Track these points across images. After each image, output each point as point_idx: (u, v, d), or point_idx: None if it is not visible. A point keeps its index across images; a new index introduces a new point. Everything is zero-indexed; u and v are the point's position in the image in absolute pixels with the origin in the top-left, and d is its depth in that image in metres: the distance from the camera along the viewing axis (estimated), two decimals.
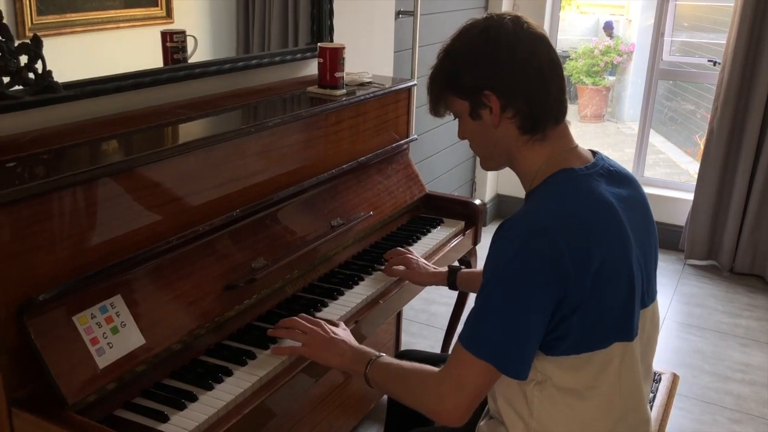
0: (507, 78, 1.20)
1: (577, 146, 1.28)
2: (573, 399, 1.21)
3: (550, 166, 1.23)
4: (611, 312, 1.18)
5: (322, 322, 1.46)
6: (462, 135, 1.33)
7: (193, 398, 1.28)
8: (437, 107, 1.32)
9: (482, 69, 1.22)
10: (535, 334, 1.15)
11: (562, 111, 1.26)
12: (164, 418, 1.22)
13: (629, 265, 1.19)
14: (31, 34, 1.43)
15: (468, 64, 1.23)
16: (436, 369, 1.24)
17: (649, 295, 1.28)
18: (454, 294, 2.11)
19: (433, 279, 1.81)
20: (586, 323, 1.16)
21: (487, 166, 1.36)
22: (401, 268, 1.81)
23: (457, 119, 1.32)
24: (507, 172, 1.33)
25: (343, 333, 1.45)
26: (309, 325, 1.44)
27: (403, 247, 1.94)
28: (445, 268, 1.82)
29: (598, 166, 1.24)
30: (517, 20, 1.23)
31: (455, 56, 1.25)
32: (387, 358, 1.34)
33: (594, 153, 1.30)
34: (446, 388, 1.18)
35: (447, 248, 2.07)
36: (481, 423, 1.37)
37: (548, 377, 1.21)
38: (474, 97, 1.24)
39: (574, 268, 1.12)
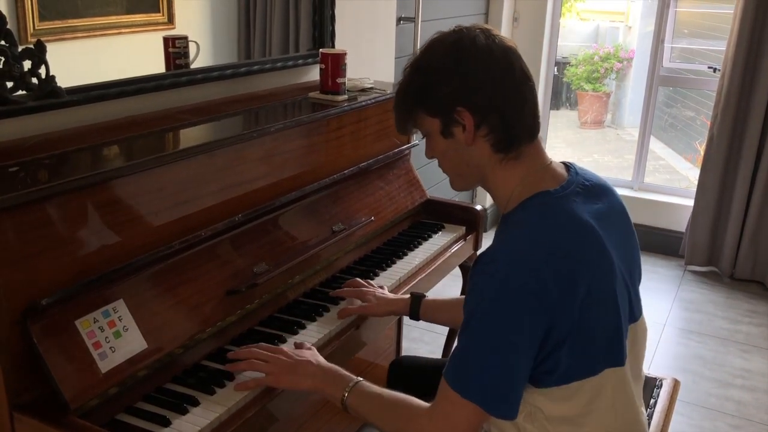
0: (481, 93, 1.15)
1: (551, 163, 1.22)
2: (567, 427, 1.17)
3: (524, 189, 1.18)
4: (600, 339, 1.14)
5: (284, 348, 1.38)
6: (430, 154, 1.26)
7: (195, 403, 1.28)
8: (405, 125, 1.25)
9: (455, 84, 1.16)
10: (522, 372, 1.10)
11: (536, 126, 1.20)
12: (166, 423, 1.22)
13: (613, 290, 1.15)
14: (33, 40, 1.43)
15: (440, 79, 1.17)
16: (423, 404, 1.19)
17: (637, 308, 1.26)
18: None
19: (394, 307, 1.64)
20: (575, 353, 1.12)
21: (458, 186, 1.30)
22: (358, 303, 1.64)
23: (425, 138, 1.25)
24: None
25: (309, 354, 1.36)
26: (269, 354, 1.34)
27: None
28: (406, 296, 1.67)
29: (573, 183, 1.19)
30: (487, 32, 1.18)
31: (426, 71, 1.19)
32: (367, 384, 1.26)
33: (568, 167, 1.25)
34: (437, 429, 1.13)
35: (448, 253, 2.07)
36: None
37: (539, 409, 1.17)
38: (446, 115, 1.17)
39: (560, 299, 1.07)
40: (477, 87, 1.15)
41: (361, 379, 1.28)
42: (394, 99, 1.26)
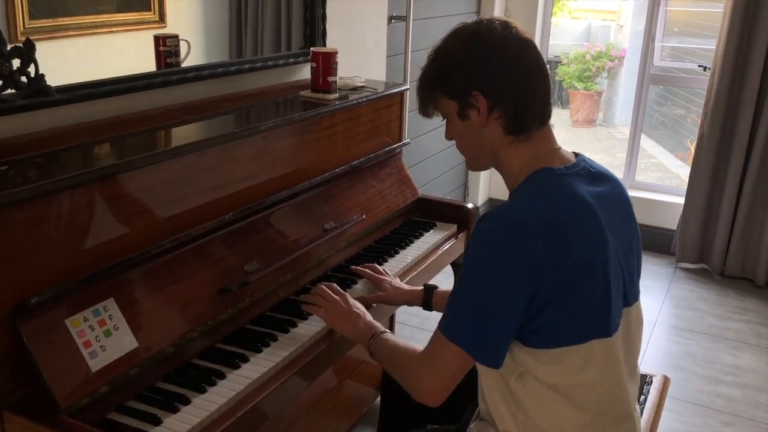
0: (495, 80, 1.24)
1: (559, 148, 1.31)
2: (556, 393, 1.23)
3: (531, 165, 1.27)
4: (587, 308, 1.20)
5: (347, 295, 1.57)
6: (449, 135, 1.36)
7: (186, 401, 1.28)
8: (426, 107, 1.35)
9: (471, 70, 1.25)
10: (507, 323, 1.18)
11: (547, 113, 1.29)
12: (157, 421, 1.22)
13: (605, 262, 1.21)
14: (23, 38, 1.43)
15: (458, 65, 1.26)
16: (420, 349, 1.31)
17: (632, 294, 1.30)
18: None
19: (408, 297, 1.73)
20: (561, 317, 1.19)
21: (473, 167, 1.40)
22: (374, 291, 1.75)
23: (444, 120, 1.35)
24: (499, 176, 1.34)
25: (363, 308, 1.54)
26: (333, 295, 1.56)
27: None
28: (419, 287, 1.74)
29: (578, 166, 1.28)
30: (506, 25, 1.27)
31: (445, 57, 1.29)
32: (389, 336, 1.42)
33: (577, 155, 1.32)
34: (424, 370, 1.24)
35: (439, 251, 2.08)
36: (472, 425, 1.38)
37: (528, 370, 1.23)
38: (462, 98, 1.27)
39: (548, 263, 1.15)
40: (491, 74, 1.24)
41: (387, 330, 1.44)
42: (418, 83, 1.35)
